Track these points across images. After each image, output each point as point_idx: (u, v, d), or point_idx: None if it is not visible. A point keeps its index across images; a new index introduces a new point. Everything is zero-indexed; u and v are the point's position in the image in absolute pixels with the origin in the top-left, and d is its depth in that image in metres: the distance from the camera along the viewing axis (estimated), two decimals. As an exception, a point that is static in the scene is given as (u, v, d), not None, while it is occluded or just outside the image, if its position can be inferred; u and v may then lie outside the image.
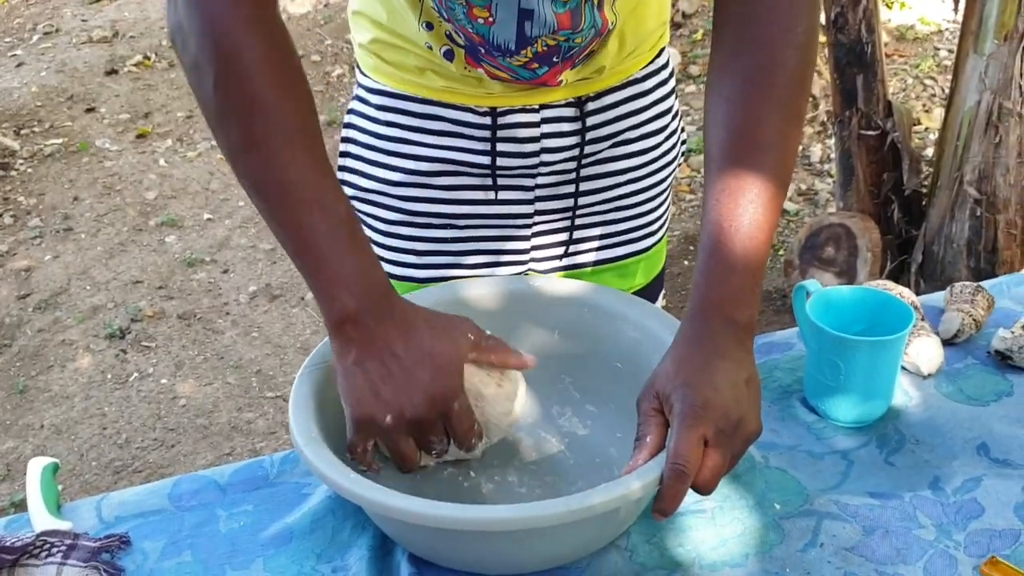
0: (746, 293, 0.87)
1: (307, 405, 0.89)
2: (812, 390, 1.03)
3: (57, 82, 4.29)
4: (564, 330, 1.03)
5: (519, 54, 1.01)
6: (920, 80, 3.76)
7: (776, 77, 0.90)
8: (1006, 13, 2.31)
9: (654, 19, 1.10)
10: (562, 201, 1.16)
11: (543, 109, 1.09)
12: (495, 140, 1.09)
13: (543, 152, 1.11)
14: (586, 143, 1.12)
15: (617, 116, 1.13)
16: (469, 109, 1.09)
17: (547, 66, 1.03)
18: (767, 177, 0.87)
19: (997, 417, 1.02)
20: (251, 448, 2.42)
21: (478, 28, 0.99)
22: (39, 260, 3.18)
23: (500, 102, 1.08)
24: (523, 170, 1.12)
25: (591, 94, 1.10)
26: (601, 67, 1.08)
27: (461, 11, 0.97)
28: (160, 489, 0.98)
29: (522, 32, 0.98)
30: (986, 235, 2.47)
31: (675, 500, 0.79)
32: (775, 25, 0.90)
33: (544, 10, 0.97)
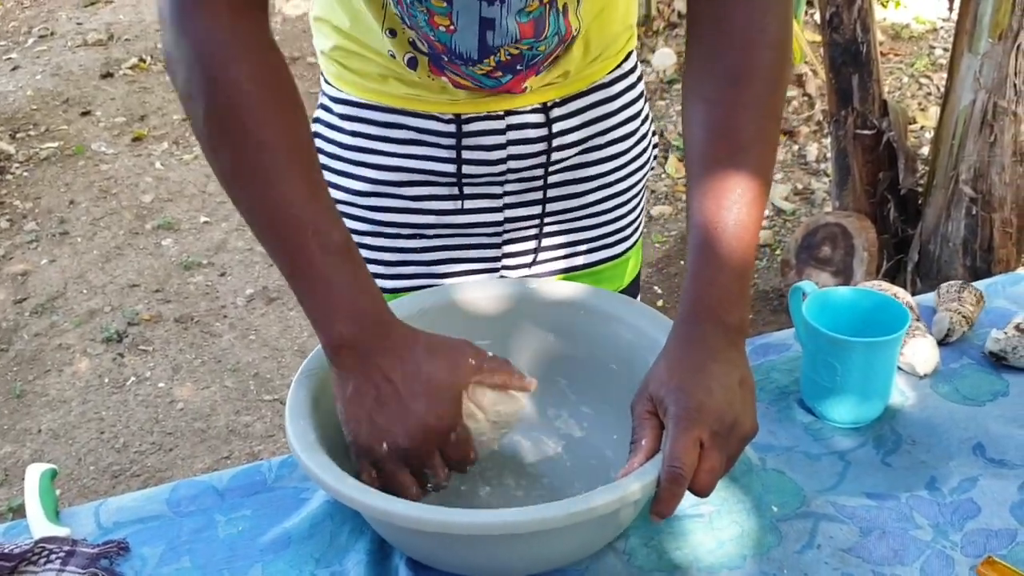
0: (736, 294, 0.87)
1: (304, 411, 0.89)
2: (809, 391, 1.04)
3: (52, 85, 4.29)
4: (559, 332, 1.03)
5: (481, 63, 1.00)
6: (915, 79, 3.76)
7: (753, 77, 0.90)
8: (1000, 12, 2.31)
9: (619, 23, 1.10)
10: (531, 208, 1.15)
11: (508, 116, 1.07)
12: (460, 148, 1.08)
13: (510, 159, 1.09)
14: (553, 150, 1.10)
15: (584, 122, 1.12)
16: (433, 117, 1.07)
17: (511, 74, 1.02)
18: (750, 177, 0.88)
19: (993, 417, 1.02)
20: (249, 451, 2.42)
21: (440, 36, 0.98)
22: (35, 264, 3.18)
23: (464, 109, 1.07)
24: (490, 177, 1.11)
25: (557, 100, 1.09)
26: (566, 71, 1.07)
27: (423, 18, 0.96)
28: (158, 495, 0.98)
29: (484, 41, 0.97)
30: (982, 234, 2.48)
31: (672, 502, 0.79)
32: (750, 25, 0.90)
33: (506, 20, 0.96)
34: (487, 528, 0.78)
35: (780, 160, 3.43)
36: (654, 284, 2.91)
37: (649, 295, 2.84)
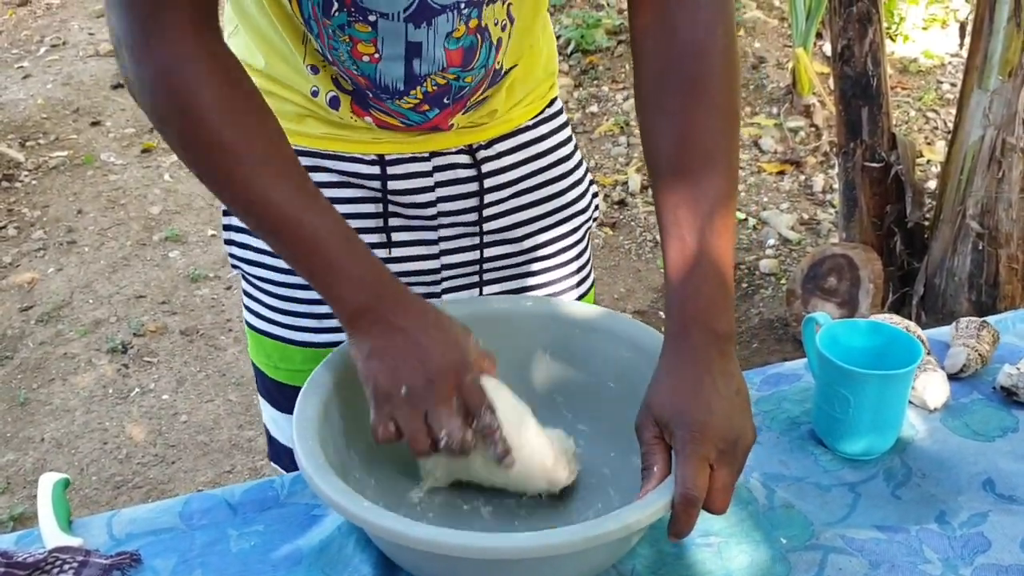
0: (721, 302, 0.87)
1: (311, 430, 0.88)
2: (820, 422, 1.04)
3: (63, 95, 4.31)
4: (555, 350, 1.04)
5: (408, 95, 0.99)
6: (923, 113, 3.78)
7: (710, 84, 0.91)
8: (1011, 50, 2.33)
9: (542, 69, 1.11)
10: (470, 253, 1.12)
11: (434, 157, 1.06)
12: (386, 191, 1.06)
13: (440, 202, 1.07)
14: (486, 191, 1.09)
15: (514, 163, 1.10)
16: (355, 159, 1.05)
17: (438, 108, 1.01)
18: (720, 183, 0.89)
19: (1003, 453, 1.03)
20: (251, 466, 2.42)
21: (363, 68, 0.96)
22: (42, 273, 3.19)
23: (388, 149, 1.04)
24: (422, 222, 1.08)
25: (483, 142, 1.08)
26: (493, 111, 1.06)
27: (345, 49, 0.95)
28: (171, 507, 0.98)
29: (410, 70, 0.97)
30: (988, 269, 2.49)
31: (689, 524, 0.80)
32: (697, 33, 0.91)
33: (433, 46, 0.95)
34: (512, 552, 0.78)
35: (786, 190, 3.44)
36: (659, 310, 2.92)
37: (655, 320, 2.85)
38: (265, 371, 1.19)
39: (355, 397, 0.94)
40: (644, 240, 3.28)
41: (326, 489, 0.82)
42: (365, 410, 0.93)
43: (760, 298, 2.97)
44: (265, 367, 1.19)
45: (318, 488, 0.83)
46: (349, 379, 0.93)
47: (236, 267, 1.18)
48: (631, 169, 3.59)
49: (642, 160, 3.64)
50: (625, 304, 2.98)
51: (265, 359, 1.19)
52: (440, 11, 0.93)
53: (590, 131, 3.86)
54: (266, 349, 1.17)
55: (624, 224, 3.36)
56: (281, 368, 1.17)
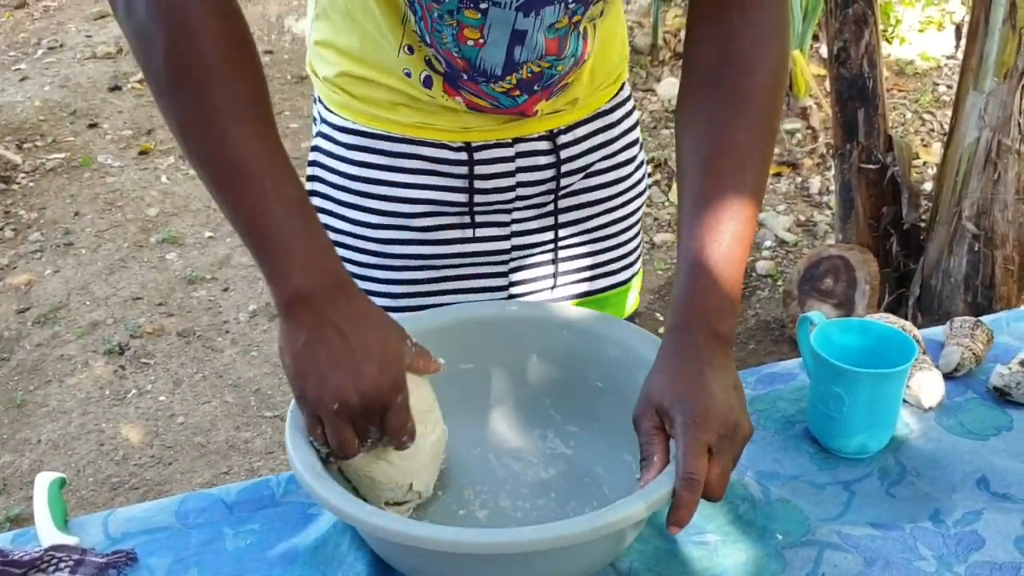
0: (728, 306, 0.90)
1: (305, 440, 0.88)
2: (815, 421, 1.05)
3: (60, 97, 4.31)
4: (543, 352, 1.04)
5: (504, 79, 1.01)
6: (919, 115, 3.79)
7: (753, 98, 0.93)
8: (1006, 51, 2.34)
9: (617, 53, 1.13)
10: (540, 235, 1.15)
11: (517, 143, 1.08)
12: (472, 176, 1.08)
13: (519, 186, 1.10)
14: (562, 175, 1.12)
15: (589, 148, 1.13)
16: (444, 145, 1.07)
17: (527, 94, 1.03)
18: (746, 194, 0.91)
19: (997, 451, 1.03)
20: (248, 467, 2.42)
21: (465, 51, 0.98)
22: (39, 274, 3.19)
23: (474, 137, 1.07)
24: (499, 205, 1.11)
25: (563, 126, 1.10)
26: (575, 99, 1.09)
27: (450, 33, 0.96)
28: (167, 506, 0.98)
29: (511, 56, 0.99)
30: (984, 270, 2.49)
31: (690, 510, 0.80)
32: (751, 46, 0.93)
33: (536, 34, 0.97)
34: (522, 546, 0.78)
35: (783, 192, 3.45)
36: (656, 311, 2.92)
37: (651, 321, 2.85)
38: None
39: None
40: (642, 243, 3.28)
41: (326, 494, 0.82)
42: None
43: (757, 299, 2.98)
44: None
45: (318, 494, 0.82)
46: None
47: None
48: (628, 171, 3.59)
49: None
50: (622, 306, 2.98)
51: None
52: (548, 2, 0.94)
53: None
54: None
55: (621, 226, 3.36)
56: None
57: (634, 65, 4.22)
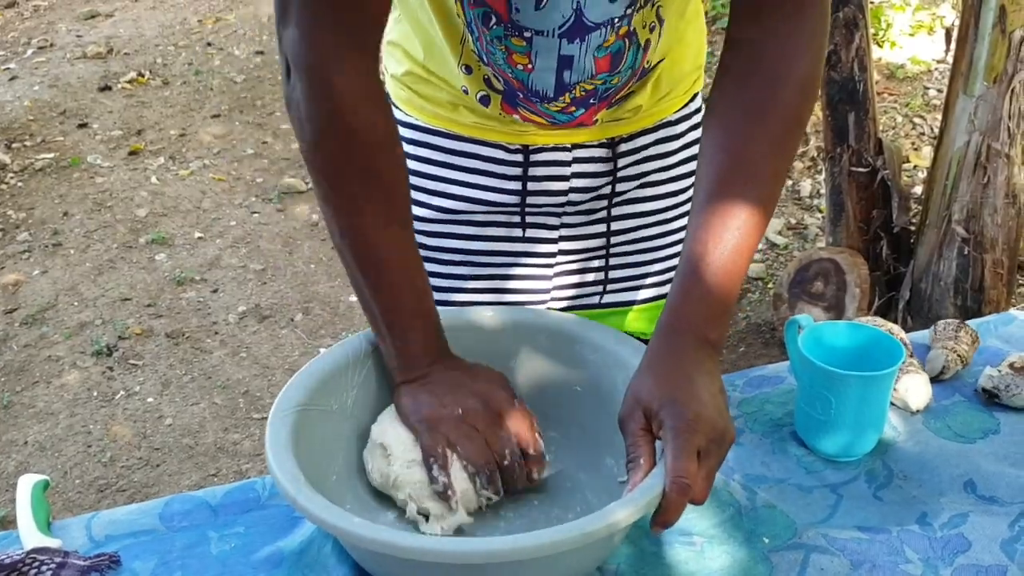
0: (720, 314, 0.90)
1: (286, 450, 0.87)
2: (802, 424, 1.04)
3: (50, 97, 4.29)
4: (521, 357, 1.04)
5: (557, 100, 1.02)
6: (909, 118, 3.80)
7: (774, 113, 0.93)
8: (995, 56, 2.34)
9: (690, 62, 1.12)
10: (590, 241, 1.15)
11: (575, 149, 1.09)
12: (526, 179, 1.09)
13: (571, 192, 1.11)
14: (617, 182, 1.12)
15: (646, 157, 1.13)
16: (501, 146, 1.09)
17: (583, 108, 1.04)
18: (754, 209, 0.91)
19: (984, 455, 1.03)
20: (236, 469, 2.41)
21: (517, 73, 1.00)
22: (27, 275, 3.17)
23: (532, 140, 1.08)
24: (550, 208, 1.12)
25: (624, 135, 1.10)
26: (637, 107, 1.08)
27: (501, 56, 0.98)
28: (151, 509, 0.97)
29: (561, 80, 0.99)
30: (973, 274, 2.49)
31: (677, 513, 0.80)
32: (781, 61, 0.93)
33: (584, 58, 0.97)
34: (516, 554, 0.77)
35: (774, 194, 3.45)
36: (646, 314, 2.92)
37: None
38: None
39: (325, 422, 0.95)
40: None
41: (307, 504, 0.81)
42: (336, 435, 0.95)
43: (747, 302, 2.98)
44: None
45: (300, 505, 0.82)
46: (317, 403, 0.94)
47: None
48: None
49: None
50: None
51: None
52: (594, 28, 0.95)
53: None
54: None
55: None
56: None
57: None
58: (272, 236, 3.36)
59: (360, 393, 0.99)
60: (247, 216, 3.49)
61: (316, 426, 0.93)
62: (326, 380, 0.96)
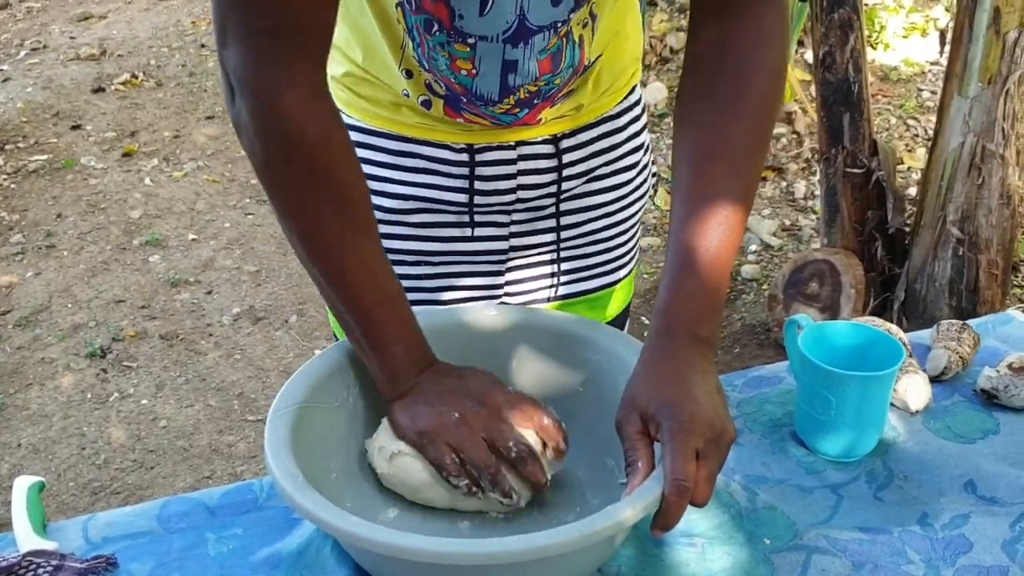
0: (711, 311, 0.90)
1: (285, 450, 0.87)
2: (802, 424, 1.04)
3: (43, 98, 4.28)
4: (523, 357, 1.03)
5: (501, 103, 1.01)
6: (903, 120, 3.81)
7: (746, 105, 0.93)
8: (990, 57, 2.35)
9: (628, 56, 1.12)
10: (540, 236, 1.16)
11: (520, 146, 1.08)
12: (473, 178, 1.09)
13: (519, 189, 1.11)
14: (563, 179, 1.12)
15: (592, 152, 1.13)
16: (446, 146, 1.08)
17: (527, 108, 1.04)
18: (734, 202, 0.91)
19: (984, 455, 1.03)
20: (231, 471, 2.40)
21: (461, 79, 0.99)
22: (20, 276, 3.16)
23: (477, 139, 1.07)
24: (499, 207, 1.12)
25: (567, 131, 1.10)
26: (580, 105, 1.09)
27: (444, 63, 0.98)
28: (148, 511, 0.97)
29: (505, 83, 0.99)
30: (968, 274, 2.50)
31: (678, 515, 0.80)
32: (748, 54, 0.93)
33: (528, 61, 0.98)
34: (512, 556, 0.77)
35: (768, 196, 3.45)
36: (642, 314, 2.92)
37: (637, 324, 2.85)
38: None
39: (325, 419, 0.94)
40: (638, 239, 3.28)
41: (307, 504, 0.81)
42: (334, 433, 0.94)
43: (742, 303, 2.98)
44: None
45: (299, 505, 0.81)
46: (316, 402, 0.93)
47: None
48: (614, 175, 3.59)
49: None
50: (607, 309, 2.98)
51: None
52: (537, 31, 0.95)
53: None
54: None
55: (607, 230, 3.35)
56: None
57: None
58: (266, 237, 3.35)
59: (360, 391, 0.98)
60: (241, 218, 3.48)
61: (315, 425, 0.93)
62: (325, 379, 0.96)
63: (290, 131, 0.87)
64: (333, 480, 0.93)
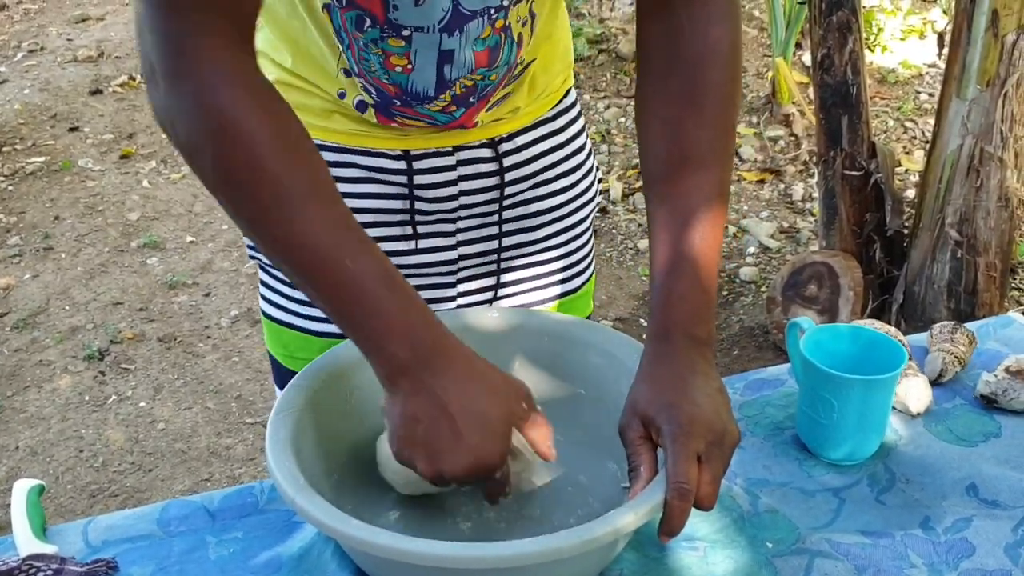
0: (705, 309, 0.89)
1: (286, 452, 0.86)
2: (804, 427, 1.04)
3: (41, 100, 4.27)
4: (523, 360, 1.03)
5: (437, 99, 1.00)
6: (901, 122, 3.81)
7: (707, 97, 0.92)
8: (988, 59, 2.35)
9: (560, 60, 1.12)
10: (486, 243, 1.14)
11: (458, 151, 1.07)
12: (412, 185, 1.06)
13: (462, 195, 1.09)
14: (506, 184, 1.10)
15: (534, 155, 1.12)
16: (381, 154, 1.05)
17: (464, 107, 1.02)
18: (711, 194, 0.90)
19: (985, 458, 1.03)
20: (230, 474, 2.40)
21: (395, 78, 0.97)
22: (18, 279, 3.15)
23: (413, 145, 1.05)
24: (443, 214, 1.09)
25: (504, 135, 1.09)
26: (516, 108, 1.08)
27: (377, 61, 0.96)
28: (149, 514, 0.96)
29: (441, 76, 0.98)
30: (966, 277, 2.50)
31: (682, 520, 0.80)
32: (701, 46, 0.92)
33: (464, 50, 0.96)
34: (516, 560, 0.76)
35: (766, 198, 3.46)
36: (640, 317, 2.92)
37: (636, 327, 2.85)
38: (282, 362, 1.19)
39: (326, 422, 0.93)
40: (625, 248, 3.28)
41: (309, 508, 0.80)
42: (335, 436, 0.94)
43: (740, 306, 2.98)
44: (282, 357, 1.19)
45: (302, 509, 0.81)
46: (317, 404, 0.93)
47: (254, 257, 1.17)
48: (612, 177, 3.59)
49: (623, 168, 3.64)
50: (607, 311, 2.98)
51: (282, 349, 1.18)
52: (471, 17, 0.94)
53: (571, 139, 3.86)
54: (283, 339, 1.17)
55: (605, 232, 3.36)
56: (299, 358, 1.16)
57: (618, 72, 4.23)
58: (264, 240, 3.34)
59: (361, 393, 0.98)
60: (239, 220, 3.47)
61: (316, 427, 0.93)
62: (326, 381, 0.95)
63: (234, 123, 0.80)
64: (334, 482, 0.93)
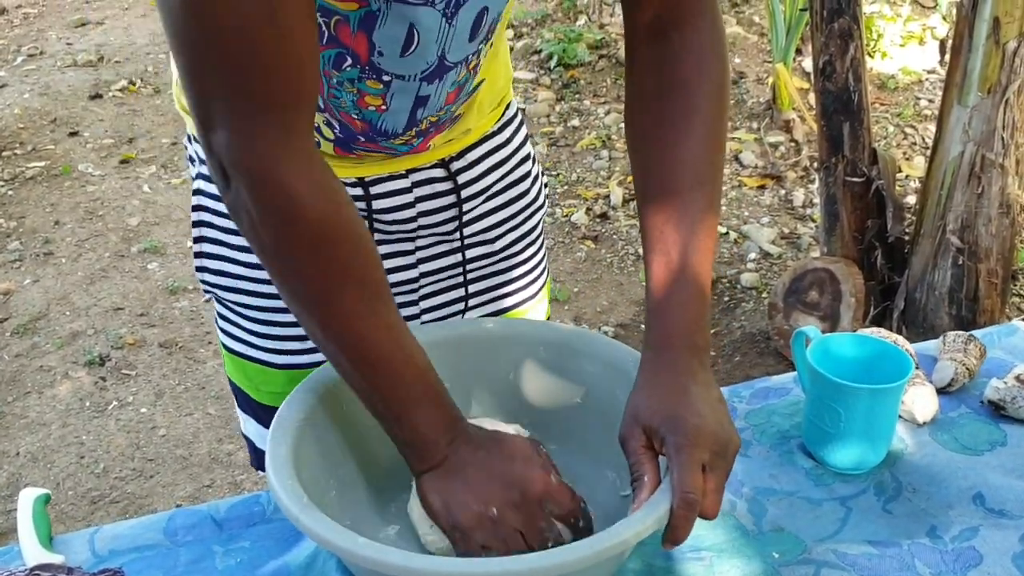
0: (701, 318, 0.90)
1: (288, 470, 0.86)
2: (811, 436, 1.04)
3: (40, 105, 4.27)
4: (518, 370, 1.03)
5: (404, 134, 1.01)
6: (901, 129, 3.81)
7: (697, 117, 0.93)
8: (989, 67, 2.35)
9: (503, 78, 1.13)
10: (447, 259, 1.15)
11: (411, 173, 1.08)
12: (371, 211, 1.07)
13: (420, 216, 1.10)
14: (463, 200, 1.12)
15: (485, 170, 1.13)
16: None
17: (424, 137, 1.04)
18: (704, 208, 0.92)
19: (992, 467, 1.03)
20: (231, 481, 2.40)
21: (367, 115, 0.98)
22: (18, 284, 3.15)
23: (368, 172, 1.06)
24: (401, 235, 1.10)
25: (454, 154, 1.10)
26: (468, 129, 1.09)
27: (350, 99, 0.96)
28: (155, 523, 0.96)
29: (413, 117, 0.99)
30: (968, 283, 2.50)
31: (687, 529, 0.80)
32: (690, 68, 0.93)
33: (438, 95, 0.98)
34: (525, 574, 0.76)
35: (767, 204, 3.46)
36: (641, 323, 2.92)
37: (636, 333, 2.85)
38: (249, 393, 1.19)
39: (324, 436, 0.93)
40: (626, 254, 3.28)
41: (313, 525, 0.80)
42: (333, 450, 0.94)
43: (742, 312, 2.98)
44: (247, 388, 1.19)
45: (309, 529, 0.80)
46: (316, 418, 0.93)
47: (209, 292, 1.15)
48: (612, 183, 3.60)
49: (624, 173, 3.65)
50: (607, 317, 2.98)
51: (246, 381, 1.18)
52: (452, 68, 0.95)
53: (572, 145, 3.87)
54: (247, 372, 1.17)
55: (606, 238, 3.36)
56: (263, 391, 1.16)
57: (618, 77, 4.23)
58: (265, 245, 3.34)
59: (354, 406, 0.97)
60: (240, 225, 3.47)
61: (314, 442, 0.92)
62: (325, 394, 0.95)
63: (297, 212, 0.82)
64: (333, 497, 0.93)
